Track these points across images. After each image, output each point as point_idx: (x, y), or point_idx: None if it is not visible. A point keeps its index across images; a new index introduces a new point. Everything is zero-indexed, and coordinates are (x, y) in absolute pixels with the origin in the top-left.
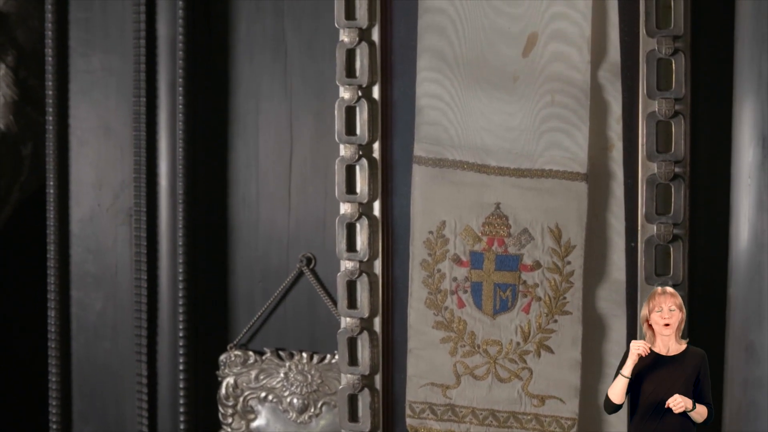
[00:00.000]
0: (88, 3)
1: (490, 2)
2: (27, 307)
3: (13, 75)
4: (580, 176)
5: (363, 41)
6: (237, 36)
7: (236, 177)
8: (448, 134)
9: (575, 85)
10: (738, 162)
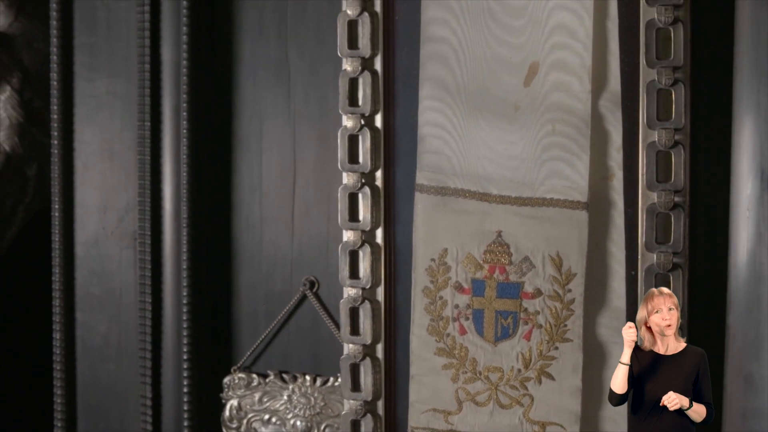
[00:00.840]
0: (93, 28)
1: (492, 32)
2: (32, 327)
3: (18, 97)
4: (581, 205)
5: (366, 70)
6: (241, 60)
7: (240, 200)
8: (450, 163)
9: (576, 115)
10: (737, 194)
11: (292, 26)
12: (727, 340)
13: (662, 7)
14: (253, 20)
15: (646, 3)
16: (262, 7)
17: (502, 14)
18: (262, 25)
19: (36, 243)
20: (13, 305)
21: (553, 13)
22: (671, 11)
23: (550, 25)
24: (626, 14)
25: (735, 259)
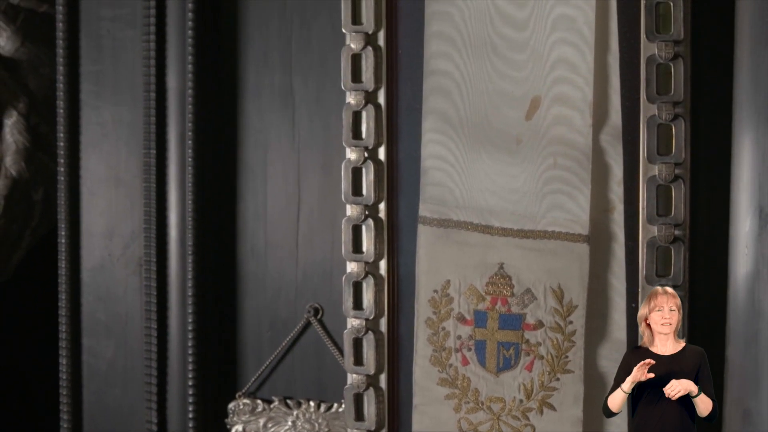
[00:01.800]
0: (99, 56)
1: (495, 66)
2: (39, 349)
3: (24, 122)
4: (582, 238)
5: (369, 103)
6: (246, 89)
7: (245, 227)
8: (453, 195)
9: (577, 148)
10: (735, 230)
11: (296, 56)
12: (725, 375)
13: (662, 42)
14: (259, 49)
15: (647, 38)
16: (267, 37)
17: (505, 48)
18: (267, 54)
19: (42, 266)
20: (19, 328)
21: (554, 48)
22: (671, 47)
23: (551, 59)
24: (627, 49)
25: (734, 294)
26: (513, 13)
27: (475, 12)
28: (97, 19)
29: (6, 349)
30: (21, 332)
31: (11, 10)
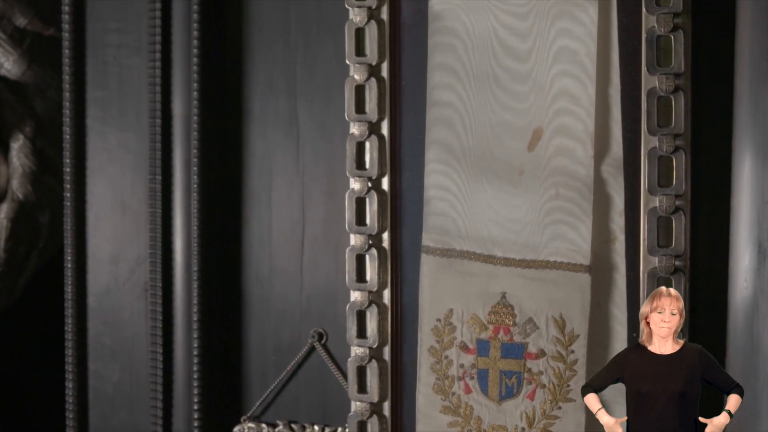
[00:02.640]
0: (105, 82)
1: (497, 97)
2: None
3: (31, 145)
4: (584, 268)
5: (372, 134)
6: (251, 115)
7: (249, 253)
8: (456, 225)
9: (579, 179)
10: (735, 264)
11: (301, 83)
12: None
13: (663, 76)
14: (263, 77)
15: (648, 71)
16: (272, 64)
17: (507, 80)
18: (272, 82)
19: (49, 288)
20: (26, 349)
21: (556, 80)
22: (672, 80)
23: (553, 91)
24: (628, 82)
25: (733, 327)
26: (515, 45)
27: (478, 44)
28: (103, 46)
29: (13, 372)
30: (28, 354)
31: (18, 34)
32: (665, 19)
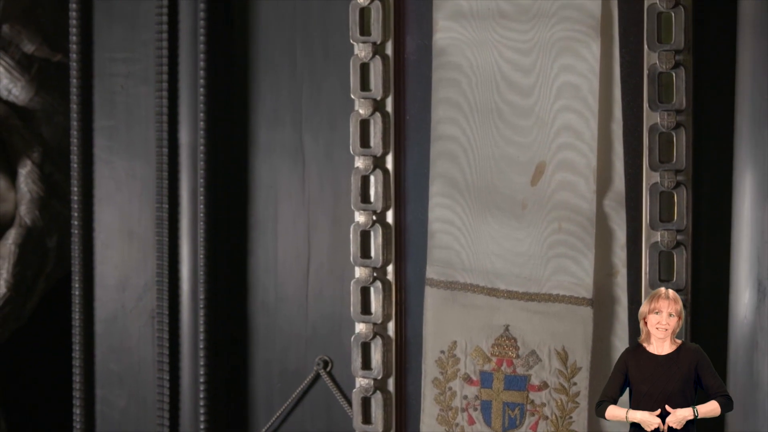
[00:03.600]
0: (113, 111)
1: (500, 131)
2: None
3: (38, 171)
4: (586, 301)
5: (377, 168)
6: (257, 144)
7: (255, 281)
8: (460, 258)
9: (581, 214)
10: (735, 302)
11: (306, 112)
12: None
13: (665, 112)
14: (269, 105)
15: (649, 108)
16: (278, 93)
17: (510, 114)
18: (278, 112)
19: (56, 311)
20: (34, 373)
21: (559, 115)
22: (673, 116)
23: (556, 125)
24: (630, 117)
25: (733, 364)
26: (519, 80)
27: (481, 79)
28: (111, 75)
29: (21, 395)
30: (35, 377)
31: (25, 60)
32: (667, 57)
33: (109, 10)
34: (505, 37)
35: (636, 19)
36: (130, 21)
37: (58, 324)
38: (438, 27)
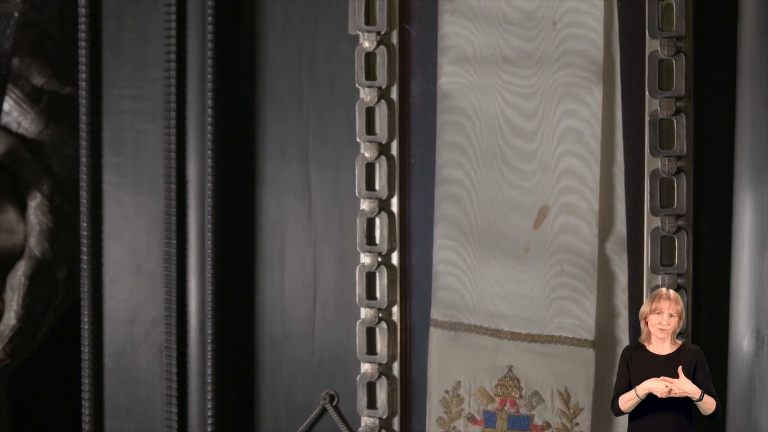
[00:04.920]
0: (121, 148)
1: (504, 175)
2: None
3: (48, 203)
4: (588, 343)
5: (383, 210)
6: (264, 181)
7: (262, 316)
8: (464, 299)
9: (584, 257)
10: (734, 350)
11: (312, 150)
12: None
13: (666, 158)
14: (276, 143)
15: (651, 153)
16: (285, 131)
17: (514, 158)
18: (285, 149)
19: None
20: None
21: (562, 159)
22: (674, 162)
23: (559, 170)
24: (632, 162)
25: (732, 412)
26: (522, 124)
27: (485, 123)
28: (119, 112)
29: (31, 425)
30: (46, 407)
31: (35, 93)
32: (668, 103)
33: (118, 48)
34: (508, 82)
35: (638, 65)
36: (139, 59)
37: (67, 353)
38: (442, 72)
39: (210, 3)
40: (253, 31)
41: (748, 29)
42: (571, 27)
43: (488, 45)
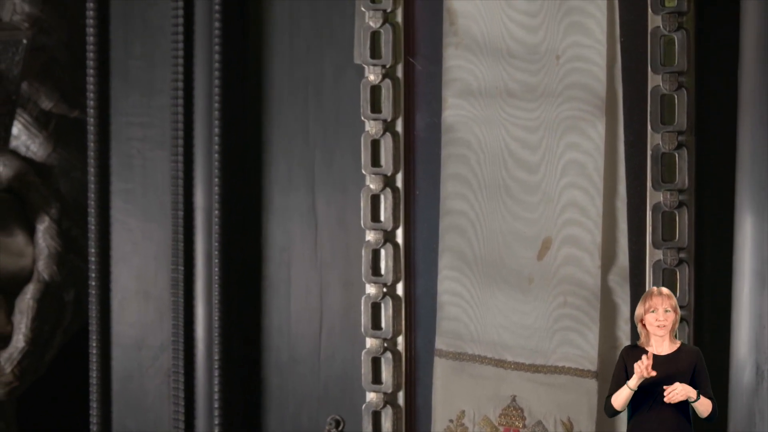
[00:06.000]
0: (129, 175)
1: (508, 207)
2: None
3: (56, 227)
4: (591, 373)
5: (388, 242)
6: (270, 207)
7: (269, 342)
8: (468, 330)
9: (587, 288)
10: (734, 384)
11: (319, 177)
12: None
13: (667, 192)
14: (282, 170)
15: (653, 188)
16: (291, 158)
17: (518, 191)
18: (291, 175)
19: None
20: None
21: (565, 191)
22: (676, 195)
23: (562, 202)
24: (634, 195)
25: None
26: (526, 157)
27: (489, 155)
28: (127, 139)
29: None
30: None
31: (43, 117)
32: (670, 137)
33: (126, 76)
34: (512, 115)
35: (640, 100)
36: (146, 86)
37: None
38: (447, 105)
39: (217, 32)
40: (259, 59)
41: (750, 66)
42: (574, 61)
43: (492, 78)
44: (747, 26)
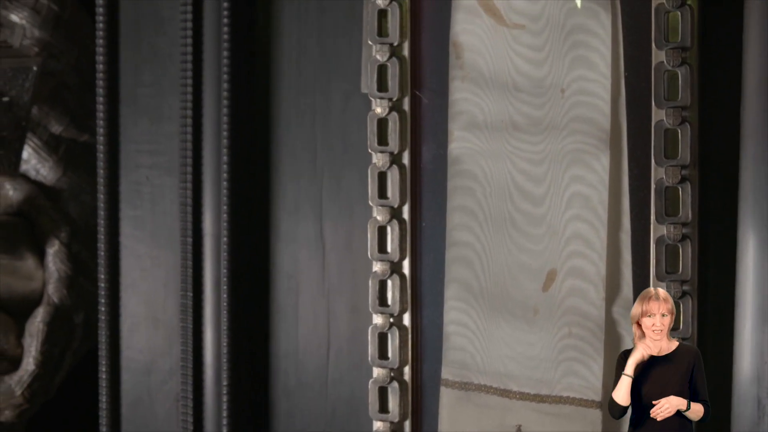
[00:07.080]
0: (138, 201)
1: (513, 239)
2: None
3: (66, 250)
4: (595, 404)
5: (394, 273)
6: (278, 234)
7: (277, 367)
8: (474, 360)
9: (591, 319)
10: (736, 418)
11: (326, 204)
12: None
13: (671, 225)
14: (290, 197)
15: (657, 221)
16: (298, 185)
17: (523, 223)
18: (298, 202)
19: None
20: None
21: (570, 224)
22: (679, 229)
23: (567, 234)
24: (638, 228)
25: None
26: (531, 189)
27: (495, 188)
28: (136, 167)
29: None
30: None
31: (53, 141)
32: (673, 171)
33: (135, 103)
34: (517, 148)
35: (644, 133)
36: (155, 114)
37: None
38: (453, 137)
39: (226, 60)
40: (267, 88)
41: (752, 100)
42: (579, 95)
43: (498, 111)
44: (749, 61)
